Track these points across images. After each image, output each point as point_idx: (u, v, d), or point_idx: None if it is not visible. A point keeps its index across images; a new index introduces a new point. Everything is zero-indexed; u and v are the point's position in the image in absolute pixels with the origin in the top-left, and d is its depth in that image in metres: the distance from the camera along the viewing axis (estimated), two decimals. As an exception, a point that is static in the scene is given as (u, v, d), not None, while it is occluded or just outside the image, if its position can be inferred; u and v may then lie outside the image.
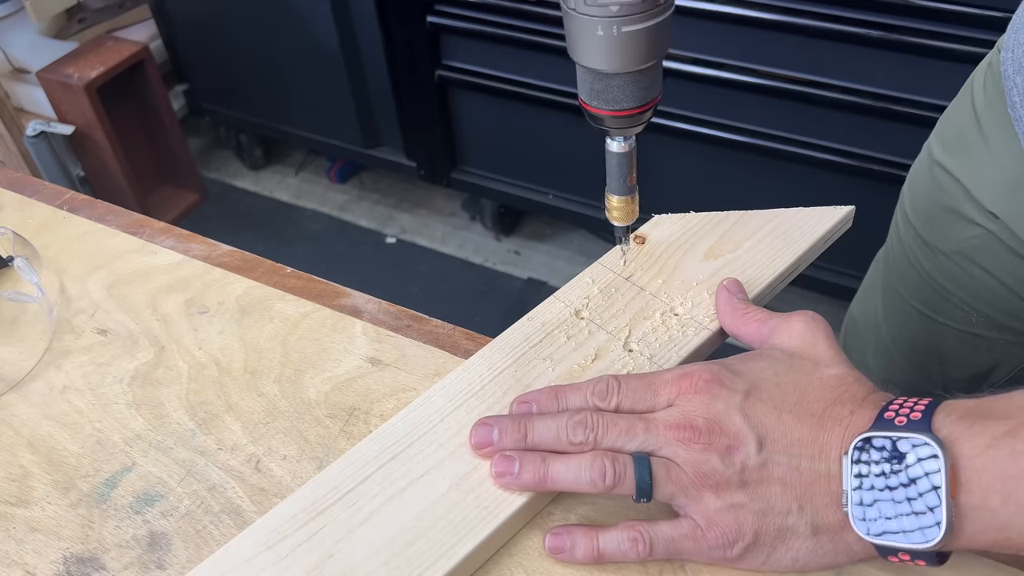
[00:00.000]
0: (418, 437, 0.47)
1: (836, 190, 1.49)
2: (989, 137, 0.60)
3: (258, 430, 0.52)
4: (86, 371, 0.56)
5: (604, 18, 0.40)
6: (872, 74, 1.33)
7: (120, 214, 0.69)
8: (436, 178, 1.97)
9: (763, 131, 1.49)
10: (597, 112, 0.46)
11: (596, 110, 0.46)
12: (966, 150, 0.63)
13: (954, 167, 0.63)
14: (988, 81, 0.61)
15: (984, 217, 0.61)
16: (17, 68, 2.01)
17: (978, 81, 0.63)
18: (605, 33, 0.41)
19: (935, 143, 0.67)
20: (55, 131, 1.89)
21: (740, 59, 1.43)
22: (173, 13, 2.06)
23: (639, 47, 0.41)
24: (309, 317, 0.59)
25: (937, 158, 0.66)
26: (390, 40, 1.77)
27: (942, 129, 0.67)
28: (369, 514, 0.44)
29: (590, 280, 0.57)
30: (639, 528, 0.43)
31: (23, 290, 0.62)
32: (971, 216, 0.62)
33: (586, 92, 0.45)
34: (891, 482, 0.38)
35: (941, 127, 0.68)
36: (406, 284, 1.97)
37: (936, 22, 1.23)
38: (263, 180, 2.32)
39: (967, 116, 0.63)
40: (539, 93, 1.66)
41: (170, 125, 2.08)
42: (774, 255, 0.57)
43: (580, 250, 2.02)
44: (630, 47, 0.41)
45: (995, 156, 0.59)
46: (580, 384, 0.47)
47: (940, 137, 0.67)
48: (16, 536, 0.48)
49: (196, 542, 0.47)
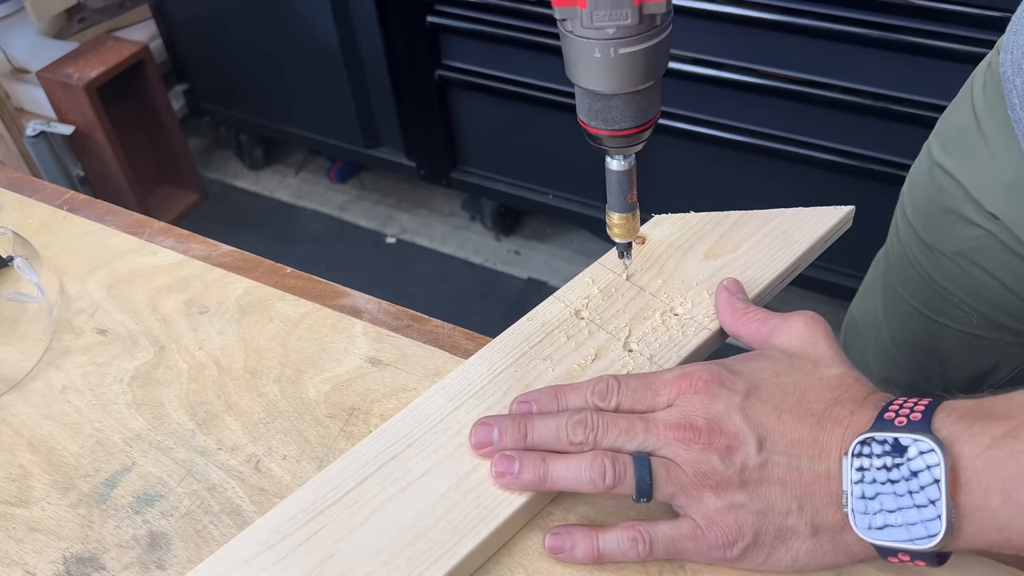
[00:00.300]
0: (418, 437, 0.47)
1: (836, 190, 1.49)
2: (989, 138, 0.60)
3: (258, 430, 0.52)
4: (86, 371, 0.56)
5: (601, 40, 0.41)
6: (872, 74, 1.33)
7: (120, 214, 0.69)
8: (436, 178, 1.97)
9: (763, 131, 1.49)
10: (596, 132, 0.46)
11: (595, 130, 0.46)
12: (966, 151, 0.62)
13: (954, 168, 0.63)
14: (988, 82, 0.61)
15: (984, 218, 0.61)
16: (17, 68, 2.01)
17: (978, 82, 0.63)
18: (603, 55, 0.41)
19: (935, 144, 0.67)
20: (55, 131, 1.89)
21: (740, 59, 1.43)
22: (173, 13, 2.06)
23: (637, 68, 0.42)
24: (309, 317, 0.59)
25: (937, 159, 0.66)
26: (390, 40, 1.77)
27: (942, 130, 0.67)
28: (369, 514, 0.44)
29: (590, 280, 0.57)
30: (639, 528, 0.43)
31: (23, 290, 0.62)
32: (971, 217, 0.62)
33: (585, 113, 0.46)
34: (893, 475, 0.38)
35: (941, 128, 0.68)
36: (406, 284, 1.97)
37: (936, 22, 1.23)
38: (263, 180, 2.32)
39: (967, 117, 0.63)
40: (539, 93, 1.66)
41: (170, 125, 2.08)
42: (774, 255, 0.57)
43: (580, 250, 2.02)
44: (627, 68, 0.42)
45: (995, 157, 0.59)
46: (580, 384, 0.47)
47: (940, 138, 0.67)
48: (16, 536, 0.48)
49: (196, 542, 0.47)
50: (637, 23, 0.40)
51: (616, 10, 0.39)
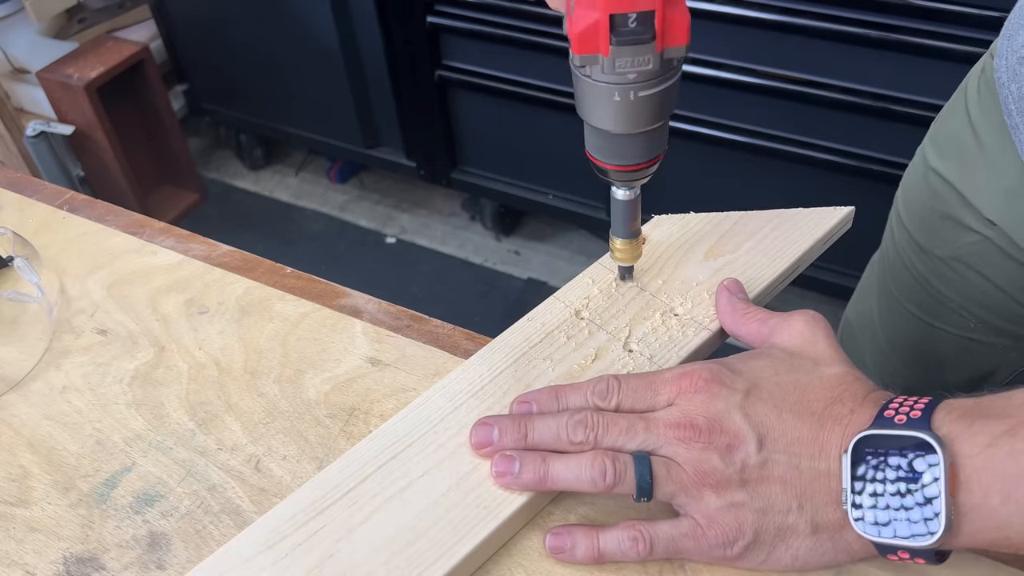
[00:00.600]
0: (418, 437, 0.47)
1: (836, 190, 1.49)
2: (985, 144, 0.60)
3: (258, 430, 0.52)
4: (86, 371, 0.56)
5: (621, 85, 0.40)
6: (871, 74, 1.33)
7: (120, 214, 0.69)
8: (436, 178, 1.97)
9: (762, 131, 1.49)
10: (604, 166, 0.46)
11: (604, 164, 0.46)
12: (961, 156, 0.62)
13: (949, 173, 0.63)
14: (982, 87, 0.61)
15: (981, 224, 0.60)
16: (17, 68, 2.01)
17: (972, 86, 0.63)
18: (622, 99, 0.41)
19: (929, 149, 0.67)
20: (55, 131, 1.88)
21: (740, 59, 1.43)
22: (173, 13, 2.06)
23: (655, 109, 0.42)
24: (309, 317, 0.59)
25: (932, 164, 0.65)
26: (390, 40, 1.77)
27: (936, 134, 0.67)
28: (369, 514, 0.44)
29: (590, 280, 0.57)
30: (639, 528, 0.43)
31: (23, 290, 0.62)
32: (968, 223, 0.62)
33: (594, 148, 0.46)
34: (891, 475, 0.38)
35: (935, 132, 0.67)
36: (406, 284, 1.97)
37: (935, 22, 1.23)
38: (263, 180, 2.32)
39: (961, 122, 0.63)
40: (539, 93, 1.66)
41: (170, 125, 2.08)
42: (774, 256, 0.57)
43: (580, 250, 2.02)
44: (646, 110, 0.42)
45: (991, 162, 0.59)
46: (580, 384, 0.47)
47: (934, 143, 0.67)
48: (16, 536, 0.48)
49: (196, 542, 0.47)
50: (659, 67, 0.40)
51: (639, 56, 0.39)
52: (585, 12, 0.39)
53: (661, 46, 0.39)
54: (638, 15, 0.38)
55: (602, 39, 0.39)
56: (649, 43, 0.38)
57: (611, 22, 0.38)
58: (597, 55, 0.40)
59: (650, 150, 0.45)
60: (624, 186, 0.49)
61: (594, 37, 0.39)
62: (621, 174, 0.47)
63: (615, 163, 0.46)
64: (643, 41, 0.38)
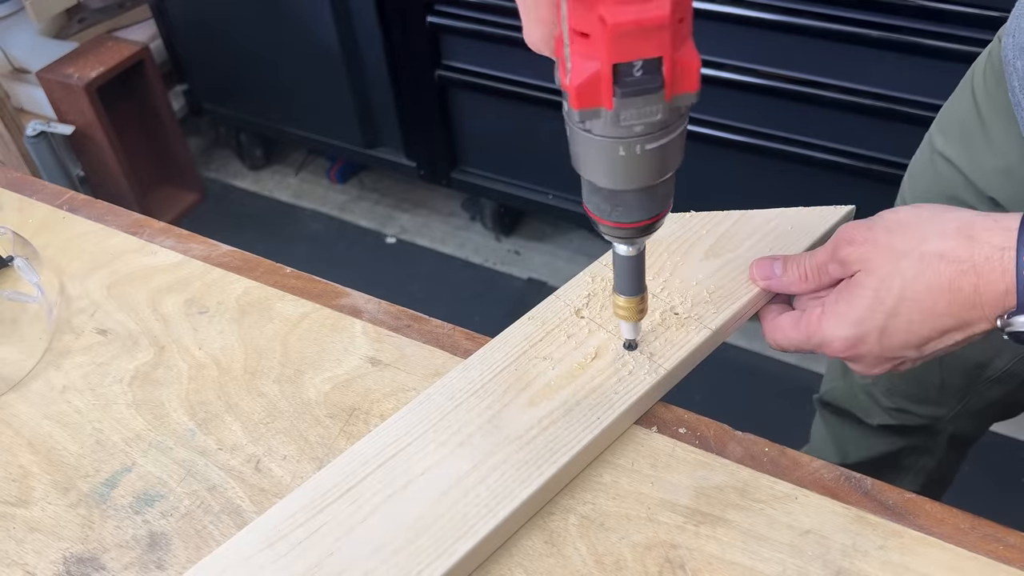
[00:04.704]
0: (419, 435, 0.47)
1: (836, 190, 1.49)
2: (988, 124, 0.61)
3: (258, 430, 0.52)
4: (86, 371, 0.56)
5: (626, 139, 0.37)
6: (872, 74, 1.33)
7: (120, 214, 0.69)
8: (436, 178, 1.96)
9: (763, 131, 1.49)
10: (605, 223, 0.43)
11: (606, 222, 0.42)
12: (965, 137, 0.63)
13: (953, 155, 0.64)
14: (988, 70, 0.62)
15: (983, 202, 0.61)
16: (17, 68, 2.01)
17: (978, 70, 0.64)
18: (627, 153, 0.37)
19: (935, 133, 0.68)
20: (55, 131, 1.88)
21: (740, 59, 1.42)
22: (173, 13, 2.06)
23: (662, 161, 0.38)
24: (309, 317, 0.59)
25: (938, 147, 0.67)
26: (390, 40, 1.77)
27: (943, 119, 0.68)
28: (369, 512, 0.44)
29: (590, 279, 0.57)
30: None
31: (23, 290, 0.62)
32: (970, 202, 0.62)
33: (594, 206, 0.42)
34: None
35: (942, 117, 0.69)
36: (406, 284, 1.97)
37: (935, 22, 1.23)
38: (263, 180, 2.32)
39: (967, 104, 0.64)
40: (539, 93, 1.66)
41: (170, 125, 2.08)
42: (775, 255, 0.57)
43: (580, 250, 2.02)
44: (653, 163, 0.38)
45: (994, 142, 0.60)
46: None
47: (940, 127, 0.68)
48: (16, 536, 0.48)
49: (196, 542, 0.47)
50: (667, 116, 0.36)
51: (646, 107, 0.35)
52: (583, 62, 0.34)
53: (670, 95, 0.35)
54: (644, 63, 0.34)
55: (604, 91, 0.35)
56: (657, 92, 0.35)
57: (614, 72, 0.34)
58: (599, 108, 0.36)
59: (656, 205, 0.41)
60: (626, 243, 0.45)
61: (595, 90, 0.35)
62: (624, 231, 0.42)
63: (618, 220, 0.42)
64: (650, 91, 0.34)
